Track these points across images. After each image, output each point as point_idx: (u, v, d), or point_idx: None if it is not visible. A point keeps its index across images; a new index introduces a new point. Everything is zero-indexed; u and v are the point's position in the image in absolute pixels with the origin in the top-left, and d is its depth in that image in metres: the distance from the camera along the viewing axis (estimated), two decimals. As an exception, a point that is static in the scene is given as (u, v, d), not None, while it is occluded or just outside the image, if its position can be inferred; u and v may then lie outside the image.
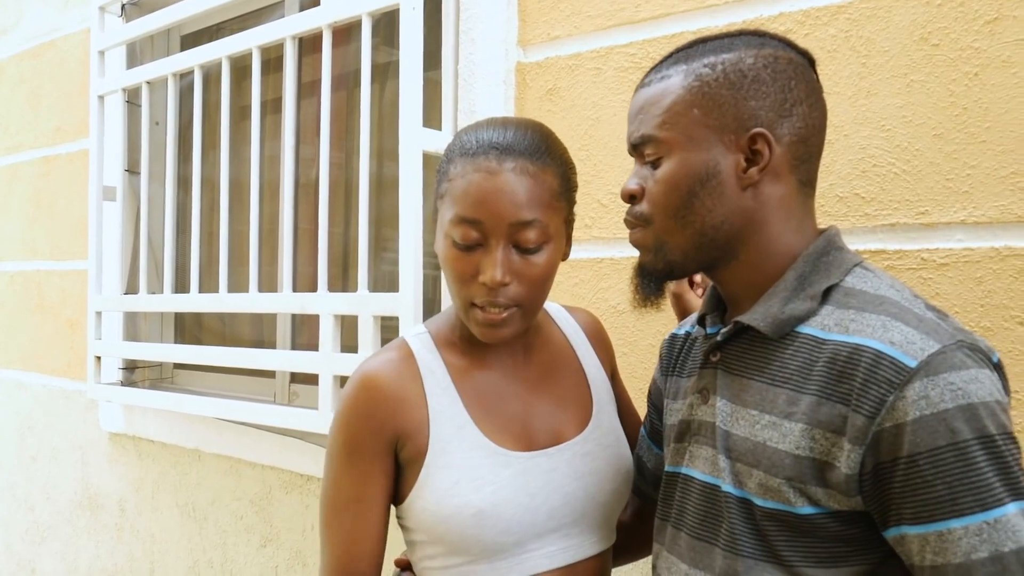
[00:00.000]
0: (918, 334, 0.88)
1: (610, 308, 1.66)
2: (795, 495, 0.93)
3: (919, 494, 0.85)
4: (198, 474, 2.60)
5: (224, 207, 2.28)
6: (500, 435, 1.17)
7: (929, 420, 0.84)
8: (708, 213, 0.99)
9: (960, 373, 0.85)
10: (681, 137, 0.99)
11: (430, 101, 1.98)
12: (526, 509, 1.13)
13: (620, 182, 1.65)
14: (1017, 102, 1.23)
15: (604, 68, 1.67)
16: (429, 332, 1.23)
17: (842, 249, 1.02)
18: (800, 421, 0.93)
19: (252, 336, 2.66)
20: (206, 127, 2.48)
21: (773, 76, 0.98)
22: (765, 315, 1.00)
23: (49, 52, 3.17)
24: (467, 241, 1.09)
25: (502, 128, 1.13)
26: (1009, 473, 0.83)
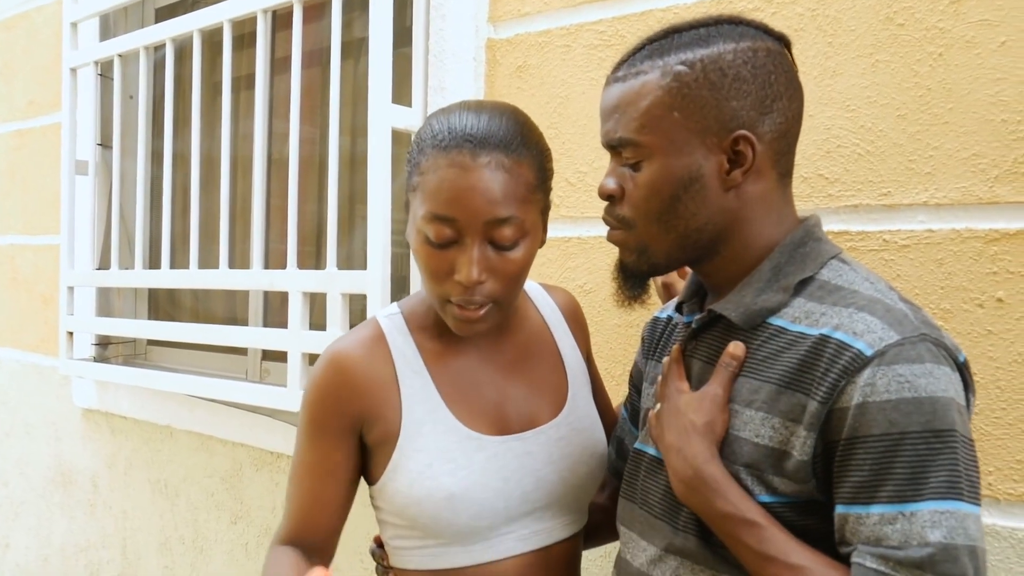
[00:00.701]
0: (881, 324, 0.88)
1: (577, 287, 1.66)
2: (753, 482, 0.93)
3: (851, 475, 0.87)
4: (170, 451, 2.60)
5: (195, 183, 2.26)
6: (474, 419, 1.16)
7: (870, 407, 0.85)
8: (692, 217, 0.99)
9: (913, 366, 0.85)
10: (662, 141, 0.97)
11: (401, 78, 1.96)
12: (499, 493, 1.13)
13: (589, 160, 1.64)
14: (979, 83, 1.22)
15: (573, 45, 1.66)
16: (402, 313, 1.21)
17: (820, 240, 1.01)
18: (760, 410, 0.94)
19: (225, 313, 2.64)
20: (179, 102, 2.46)
21: (753, 73, 0.96)
22: (738, 305, 1.00)
23: (23, 24, 3.12)
24: (441, 239, 1.06)
25: (475, 116, 1.08)
26: (941, 470, 0.83)
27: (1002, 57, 1.20)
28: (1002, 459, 1.20)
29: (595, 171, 1.62)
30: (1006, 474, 1.20)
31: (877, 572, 0.83)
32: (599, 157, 1.62)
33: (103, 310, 2.74)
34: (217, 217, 2.26)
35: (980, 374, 1.21)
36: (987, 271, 1.22)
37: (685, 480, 0.96)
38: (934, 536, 0.81)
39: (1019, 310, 1.19)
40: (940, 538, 0.81)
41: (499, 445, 1.15)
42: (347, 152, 2.28)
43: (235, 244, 2.49)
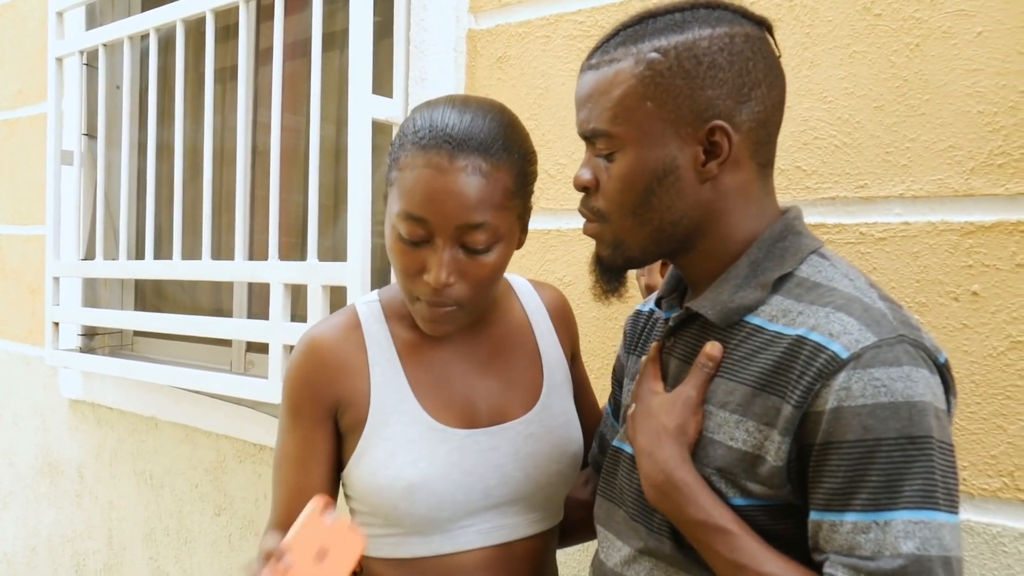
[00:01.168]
0: (858, 325, 0.85)
1: (557, 280, 1.65)
2: (726, 485, 0.91)
3: (825, 482, 0.84)
4: (155, 442, 2.59)
5: (179, 173, 2.25)
6: (441, 411, 1.15)
7: (844, 412, 0.83)
8: (667, 210, 0.95)
9: (890, 370, 0.83)
10: (635, 132, 0.94)
11: (385, 69, 1.95)
12: (459, 486, 1.12)
13: (568, 152, 1.63)
14: (956, 74, 1.21)
15: (553, 36, 1.64)
16: (380, 302, 1.21)
17: (800, 234, 0.98)
18: (735, 412, 0.91)
19: (211, 304, 2.63)
20: (165, 92, 2.45)
21: (730, 60, 0.92)
22: (714, 303, 0.97)
23: (9, 13, 3.11)
24: (413, 237, 1.05)
25: (459, 114, 1.06)
26: (916, 479, 0.81)
27: (978, 48, 1.19)
28: (976, 454, 1.19)
29: (574, 163, 1.61)
30: (980, 469, 1.19)
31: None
32: (579, 149, 1.60)
33: (89, 301, 2.73)
34: (200, 207, 2.24)
35: (955, 369, 1.20)
36: (963, 264, 1.20)
37: (656, 485, 0.94)
38: (907, 547, 0.79)
39: (994, 304, 1.18)
40: (913, 549, 0.79)
41: (464, 438, 1.14)
42: (332, 143, 2.26)
43: (220, 235, 2.48)
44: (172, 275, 2.26)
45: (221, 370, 2.37)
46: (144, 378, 2.37)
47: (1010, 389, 1.17)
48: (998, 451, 1.18)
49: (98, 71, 2.54)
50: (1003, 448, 1.17)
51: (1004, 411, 1.17)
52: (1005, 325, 1.17)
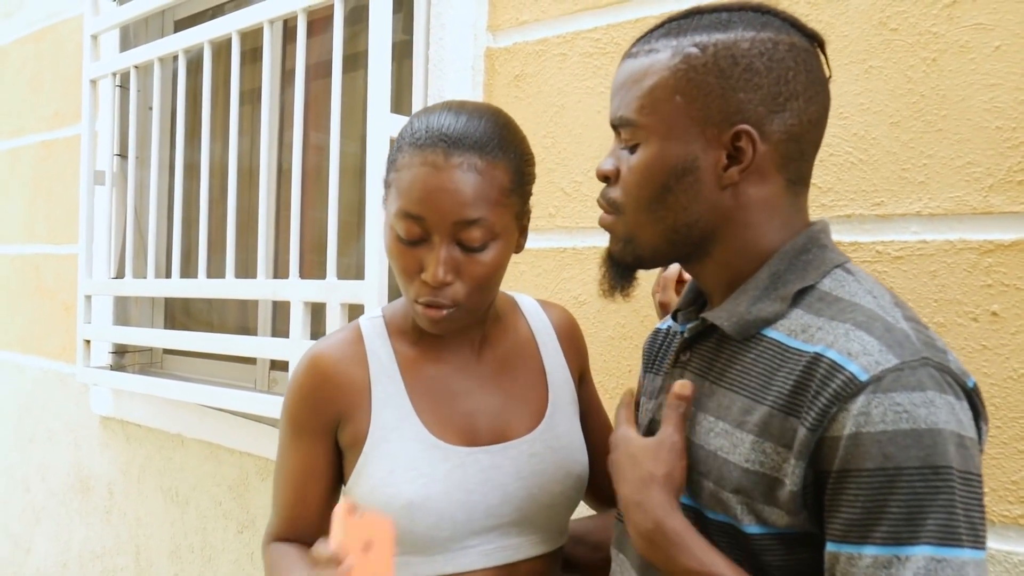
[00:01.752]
0: (879, 346, 0.81)
1: (572, 299, 1.63)
2: (742, 511, 0.87)
3: (842, 511, 0.80)
4: (181, 459, 2.61)
5: (204, 193, 2.28)
6: (442, 428, 1.14)
7: (864, 439, 0.78)
8: (682, 210, 0.92)
9: (912, 395, 0.78)
10: (660, 125, 0.91)
11: (405, 89, 1.96)
12: (461, 505, 1.11)
13: (584, 171, 1.62)
14: (974, 89, 1.18)
15: (569, 54, 1.64)
16: (383, 318, 1.21)
17: (825, 247, 0.93)
18: (752, 432, 0.87)
19: (237, 323, 2.66)
20: (194, 113, 2.48)
21: (768, 66, 0.88)
22: (731, 314, 0.92)
23: (49, 36, 3.18)
24: (410, 237, 1.06)
25: (455, 115, 1.08)
26: (939, 512, 0.76)
27: (996, 62, 1.16)
28: (997, 480, 1.15)
29: (590, 180, 1.60)
30: (1001, 495, 1.15)
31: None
32: (594, 166, 1.59)
33: (120, 319, 2.77)
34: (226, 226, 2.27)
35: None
36: (982, 283, 1.17)
37: (646, 534, 0.90)
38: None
39: (1015, 324, 1.14)
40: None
41: (465, 456, 1.13)
42: (356, 162, 2.27)
43: (247, 254, 2.51)
44: (197, 293, 2.28)
45: (246, 388, 2.39)
46: (171, 396, 2.39)
47: (1031, 413, 1.13)
48: (1019, 476, 1.14)
49: (130, 92, 2.59)
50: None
51: (1025, 435, 1.13)
52: (1026, 346, 1.14)
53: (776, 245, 0.93)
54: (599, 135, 1.58)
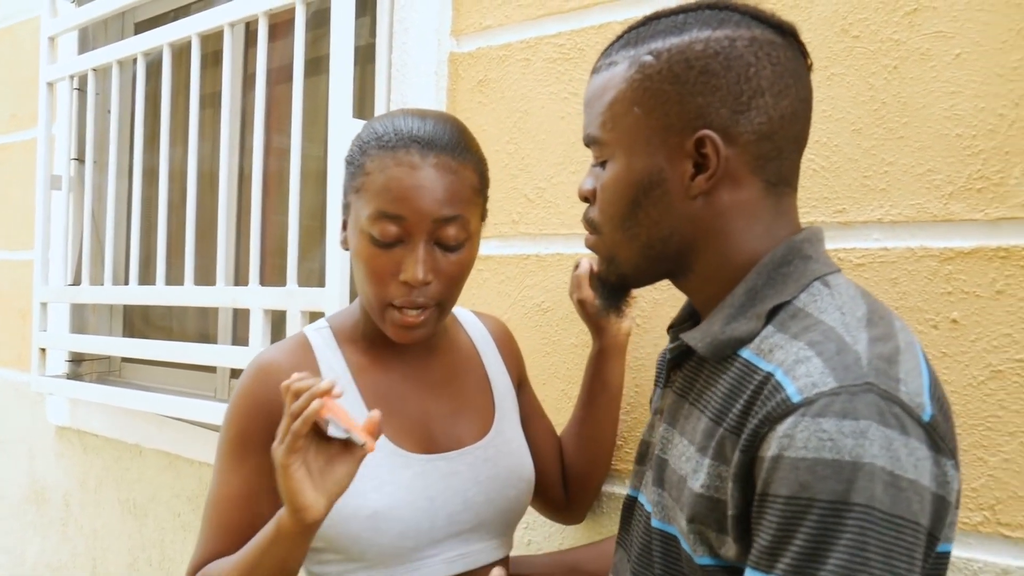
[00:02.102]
0: (823, 367, 0.76)
1: (535, 306, 1.62)
2: (695, 540, 0.84)
3: (758, 535, 0.76)
4: (139, 470, 2.56)
5: (163, 198, 2.24)
6: (400, 436, 1.13)
7: (784, 463, 0.74)
8: (654, 225, 0.89)
9: (843, 423, 0.72)
10: (622, 139, 0.89)
11: (368, 93, 1.94)
12: (424, 512, 1.09)
13: (548, 176, 1.61)
14: (934, 96, 1.18)
15: (533, 59, 1.63)
16: (330, 327, 1.20)
17: (808, 259, 0.88)
18: (709, 456, 0.83)
19: (197, 330, 2.61)
20: (153, 116, 2.44)
21: (726, 65, 0.84)
22: (705, 335, 0.89)
23: (6, 38, 3.12)
24: (387, 238, 1.05)
25: (419, 120, 1.09)
26: (844, 551, 0.70)
27: (957, 70, 1.16)
28: (958, 487, 1.15)
29: (554, 187, 1.59)
30: (961, 503, 1.15)
31: None
32: (558, 172, 1.58)
33: (77, 326, 2.71)
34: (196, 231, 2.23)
35: (935, 398, 1.17)
36: (942, 291, 1.17)
37: None
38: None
39: (974, 332, 1.14)
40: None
41: (425, 463, 1.12)
42: (319, 167, 2.25)
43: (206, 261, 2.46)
44: (155, 300, 2.24)
45: (206, 397, 2.34)
46: (129, 405, 2.34)
47: (990, 420, 1.13)
48: (979, 484, 1.14)
49: (88, 95, 2.54)
50: (984, 481, 1.13)
51: (985, 442, 1.13)
52: (985, 354, 1.14)
53: (760, 253, 0.89)
54: (563, 141, 1.57)
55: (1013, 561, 1.11)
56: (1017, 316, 1.11)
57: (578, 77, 1.55)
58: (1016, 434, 1.11)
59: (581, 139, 1.49)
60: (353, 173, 1.10)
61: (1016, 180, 1.12)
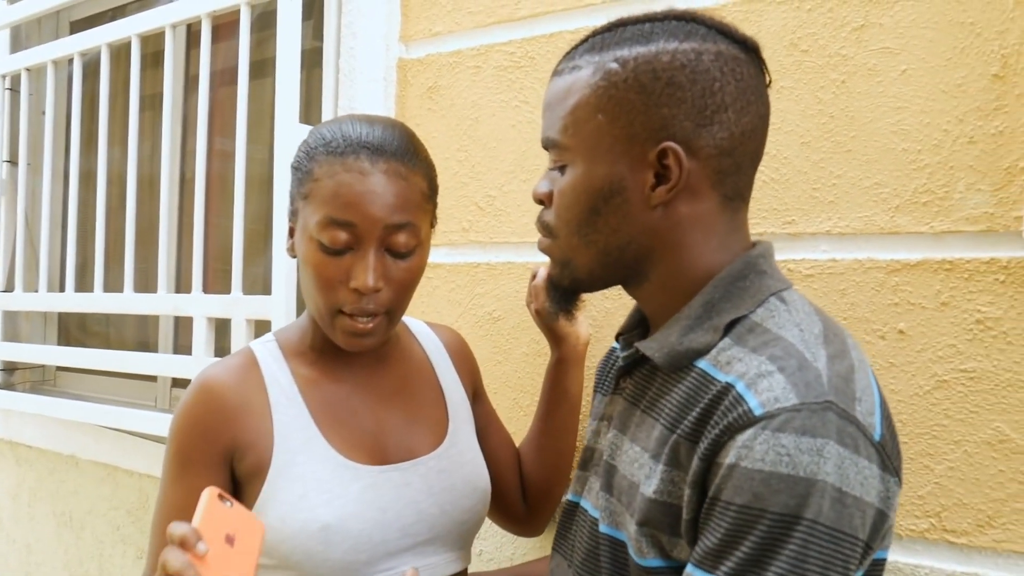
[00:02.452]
0: (785, 383, 0.78)
1: (486, 315, 1.61)
2: (646, 543, 0.85)
3: (705, 536, 0.79)
4: (75, 482, 2.48)
5: (101, 203, 2.17)
6: (350, 448, 1.11)
7: (740, 473, 0.76)
8: (612, 232, 0.90)
9: (801, 439, 0.75)
10: (583, 145, 0.89)
11: (314, 97, 1.91)
12: (376, 524, 1.08)
13: (499, 184, 1.60)
14: (882, 111, 1.20)
15: (484, 66, 1.62)
16: (277, 341, 1.17)
17: (763, 274, 0.90)
18: (663, 462, 0.85)
19: (136, 339, 2.55)
20: (91, 118, 2.37)
21: (692, 78, 0.85)
22: (662, 345, 0.90)
23: (-68, 35, 3.00)
24: (337, 245, 1.03)
25: (368, 126, 1.07)
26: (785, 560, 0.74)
27: (903, 86, 1.19)
28: (904, 495, 1.17)
29: (504, 195, 1.58)
30: (907, 510, 1.17)
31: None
32: (509, 181, 1.57)
33: (10, 334, 2.62)
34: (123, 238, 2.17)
35: (883, 407, 1.19)
36: (889, 302, 1.19)
37: None
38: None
39: (920, 342, 1.17)
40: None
41: (377, 475, 1.10)
42: (263, 172, 2.21)
43: (146, 267, 2.40)
44: (93, 308, 2.18)
45: (146, 407, 2.28)
46: (64, 416, 2.27)
47: (936, 428, 1.15)
48: (925, 491, 1.16)
49: (21, 96, 2.46)
50: (930, 488, 1.16)
51: (931, 451, 1.16)
52: (931, 364, 1.16)
53: (714, 266, 0.90)
54: (514, 150, 1.56)
55: (958, 567, 1.13)
56: (961, 327, 1.14)
57: (529, 85, 1.55)
58: (961, 443, 1.14)
59: (532, 147, 1.53)
60: (301, 179, 1.08)
61: (960, 194, 1.15)
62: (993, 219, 1.13)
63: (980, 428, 1.12)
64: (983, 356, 1.12)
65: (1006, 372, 1.11)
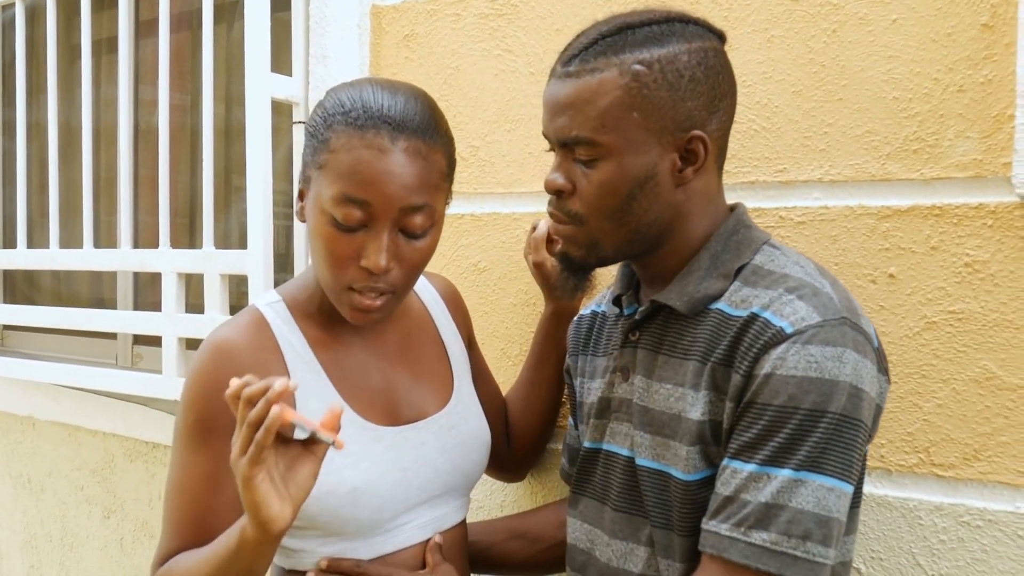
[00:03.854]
0: (805, 306, 0.94)
1: (471, 266, 1.61)
2: (698, 458, 0.98)
3: (741, 434, 0.94)
4: (32, 443, 2.42)
5: (53, 154, 2.09)
6: (367, 410, 1.11)
7: (776, 379, 0.92)
8: (644, 213, 1.01)
9: (826, 348, 0.91)
10: (620, 141, 0.98)
11: (279, 45, 1.85)
12: (399, 484, 1.10)
13: (482, 135, 1.59)
14: (872, 60, 1.23)
15: (464, 14, 1.59)
16: (283, 301, 1.14)
17: (750, 227, 1.07)
18: (703, 388, 0.98)
19: (91, 294, 2.48)
20: (35, 67, 2.27)
21: (706, 74, 0.99)
22: (681, 295, 1.03)
23: None
24: (350, 222, 1.01)
25: (390, 96, 1.03)
26: (811, 445, 0.90)
27: (894, 35, 1.21)
28: (893, 432, 1.23)
29: (488, 145, 1.57)
30: (897, 446, 1.23)
31: (731, 539, 0.91)
32: (492, 131, 1.57)
33: (-48, 293, 2.53)
34: (79, 192, 2.09)
35: (872, 349, 1.23)
36: (879, 247, 1.23)
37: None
38: (783, 499, 0.89)
39: (910, 285, 1.21)
40: (787, 501, 0.89)
41: (395, 435, 1.11)
42: (223, 122, 2.15)
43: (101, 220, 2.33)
44: (50, 265, 2.11)
45: (107, 365, 2.23)
46: (26, 376, 2.20)
47: (925, 368, 1.20)
48: (914, 428, 1.21)
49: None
50: (919, 425, 1.21)
51: (920, 390, 1.21)
52: (920, 306, 1.21)
53: (710, 228, 1.06)
54: (496, 99, 1.55)
55: (945, 498, 1.19)
56: (950, 271, 1.19)
57: (512, 34, 1.54)
58: (948, 381, 1.19)
59: (515, 97, 1.52)
60: (316, 147, 1.04)
61: (950, 142, 1.18)
62: (981, 165, 1.17)
63: (967, 367, 1.18)
64: (971, 298, 1.17)
65: (993, 313, 1.16)
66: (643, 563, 1.04)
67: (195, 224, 2.26)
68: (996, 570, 1.15)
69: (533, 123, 1.53)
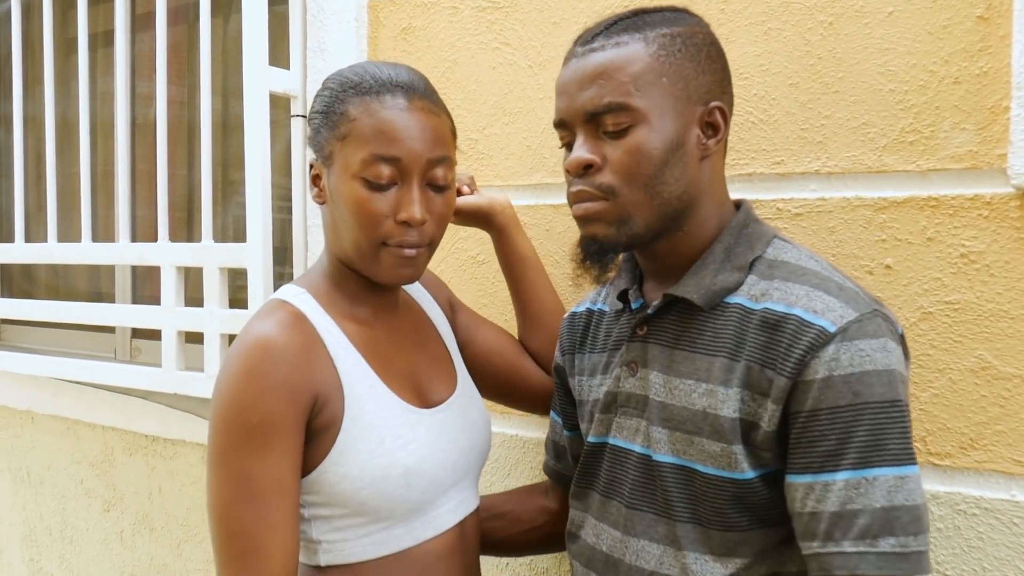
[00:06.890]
0: (838, 303, 0.94)
1: (470, 258, 1.61)
2: (734, 460, 0.97)
3: (816, 445, 0.92)
4: (31, 437, 2.43)
5: (51, 148, 2.09)
6: (404, 392, 1.14)
7: (835, 380, 0.91)
8: (675, 183, 1.01)
9: (872, 341, 0.92)
10: (652, 105, 1.00)
11: (276, 38, 1.85)
12: (440, 465, 1.12)
13: (480, 127, 1.59)
14: (868, 52, 1.23)
15: (461, 7, 1.60)
16: (308, 292, 1.14)
17: (758, 221, 1.08)
18: (735, 386, 0.98)
19: (89, 288, 2.48)
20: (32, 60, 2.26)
21: (717, 52, 1.04)
22: (697, 287, 1.03)
23: None
24: (382, 180, 1.06)
25: (392, 68, 1.11)
26: (897, 436, 0.90)
27: (890, 27, 1.22)
28: (890, 421, 1.24)
29: (486, 138, 1.58)
30: (894, 436, 1.24)
31: (860, 554, 0.89)
32: (490, 124, 1.57)
33: (-51, 287, 2.53)
34: (76, 186, 2.09)
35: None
36: (876, 238, 1.24)
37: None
38: (894, 499, 0.89)
39: (906, 276, 1.22)
40: (903, 501, 0.89)
41: (430, 417, 1.14)
42: (221, 115, 2.15)
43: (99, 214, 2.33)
44: (48, 259, 2.11)
45: (105, 358, 2.24)
46: (25, 370, 2.20)
47: (922, 358, 1.21)
48: (911, 417, 1.22)
49: (-49, 37, 2.33)
50: (916, 415, 1.22)
51: (916, 379, 1.22)
52: (917, 297, 1.22)
53: (721, 219, 1.07)
54: (494, 92, 1.56)
55: (941, 487, 1.21)
56: (946, 261, 1.20)
57: (510, 27, 1.54)
58: (945, 371, 1.20)
59: (513, 90, 1.53)
60: (335, 122, 1.08)
61: (945, 134, 1.19)
62: (977, 157, 1.18)
63: (963, 356, 1.19)
64: (967, 288, 1.18)
65: (988, 303, 1.17)
66: (656, 560, 1.04)
67: (193, 218, 2.26)
68: (992, 558, 1.17)
69: (531, 116, 1.53)
